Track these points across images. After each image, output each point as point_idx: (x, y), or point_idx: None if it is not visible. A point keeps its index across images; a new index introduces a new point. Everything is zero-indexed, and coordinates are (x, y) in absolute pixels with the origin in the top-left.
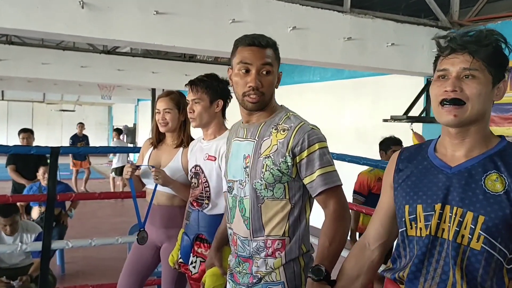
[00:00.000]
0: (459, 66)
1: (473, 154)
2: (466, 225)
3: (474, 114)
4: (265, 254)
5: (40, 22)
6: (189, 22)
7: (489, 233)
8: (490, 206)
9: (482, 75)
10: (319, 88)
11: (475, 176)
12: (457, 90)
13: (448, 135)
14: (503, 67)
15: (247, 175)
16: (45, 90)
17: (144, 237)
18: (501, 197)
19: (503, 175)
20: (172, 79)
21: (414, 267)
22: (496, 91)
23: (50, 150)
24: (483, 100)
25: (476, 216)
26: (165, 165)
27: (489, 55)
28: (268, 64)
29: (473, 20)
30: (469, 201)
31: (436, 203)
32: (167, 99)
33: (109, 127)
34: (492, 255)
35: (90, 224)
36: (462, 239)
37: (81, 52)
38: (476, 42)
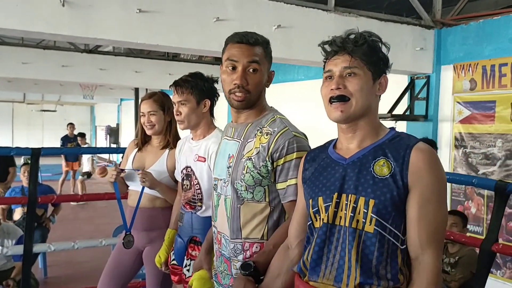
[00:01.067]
0: (340, 65)
1: (364, 145)
2: (360, 210)
3: (359, 108)
4: (243, 257)
5: (20, 21)
6: (172, 20)
7: (380, 215)
8: (379, 190)
9: (361, 71)
10: (304, 86)
11: (366, 164)
12: (341, 87)
13: (341, 131)
14: (381, 64)
15: (229, 175)
16: (26, 90)
17: (130, 241)
18: (388, 180)
19: (389, 160)
20: (155, 79)
21: (315, 254)
22: (378, 85)
23: (31, 152)
24: (365, 95)
25: (368, 200)
26: (150, 166)
27: (365, 52)
28: (255, 62)
29: (455, 18)
30: (362, 187)
31: (334, 193)
32: (150, 101)
33: (91, 127)
34: (383, 237)
35: (73, 226)
36: (357, 223)
37: (62, 51)
38: (353, 42)
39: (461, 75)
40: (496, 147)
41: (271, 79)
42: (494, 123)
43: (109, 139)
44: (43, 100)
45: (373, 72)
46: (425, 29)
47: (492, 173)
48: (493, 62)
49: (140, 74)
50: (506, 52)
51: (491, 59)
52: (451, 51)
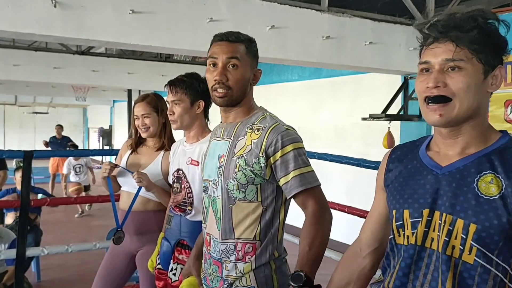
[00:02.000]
0: (441, 57)
1: (467, 153)
2: (457, 235)
3: (464, 111)
4: (235, 258)
5: (11, 22)
6: (165, 21)
7: (482, 244)
8: (483, 213)
9: (469, 65)
10: (298, 87)
11: (467, 177)
12: (440, 85)
13: (440, 134)
14: (496, 52)
15: (220, 175)
16: (17, 92)
17: (121, 237)
18: (496, 202)
19: (499, 177)
20: (148, 80)
21: (398, 281)
22: (491, 80)
23: (23, 154)
24: (473, 94)
25: (467, 224)
26: (144, 168)
27: (475, 40)
28: (234, 57)
29: None
30: (460, 207)
31: (424, 209)
32: (143, 104)
33: (84, 129)
34: (488, 270)
35: (66, 229)
36: (452, 250)
37: (54, 53)
38: (459, 27)
39: None
40: None
41: (258, 78)
42: None
43: (102, 141)
44: (35, 102)
45: (485, 63)
46: None
47: None
48: None
49: (133, 75)
50: None
51: None
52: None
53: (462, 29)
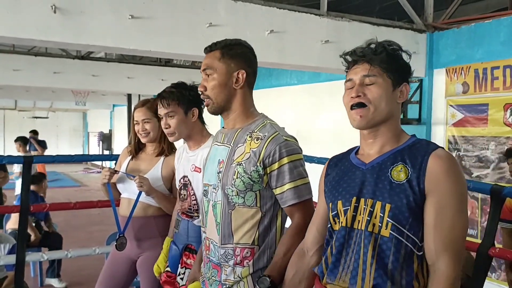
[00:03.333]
0: (360, 74)
1: (384, 151)
2: (376, 214)
3: (378, 114)
4: (234, 262)
5: (11, 27)
6: (165, 26)
7: (396, 220)
8: (396, 195)
9: (380, 79)
10: (297, 91)
11: (384, 169)
12: (360, 95)
13: (363, 137)
14: (402, 72)
15: (219, 180)
16: (17, 97)
17: (123, 243)
18: (404, 185)
19: (407, 166)
20: (148, 84)
21: (334, 257)
22: (398, 93)
23: (22, 160)
24: (385, 102)
25: (384, 205)
26: (144, 173)
27: (384, 60)
28: (206, 68)
29: (447, 22)
30: (379, 192)
31: (352, 197)
32: (144, 109)
33: (84, 133)
34: (400, 242)
35: (66, 234)
36: (373, 227)
37: (53, 58)
38: (372, 51)
39: (454, 79)
40: (489, 150)
41: (241, 79)
42: (487, 126)
43: (102, 145)
44: (35, 107)
45: (393, 79)
46: (417, 33)
47: (486, 175)
48: (485, 65)
49: (133, 80)
50: (498, 55)
51: (483, 62)
52: (443, 54)
53: (375, 52)
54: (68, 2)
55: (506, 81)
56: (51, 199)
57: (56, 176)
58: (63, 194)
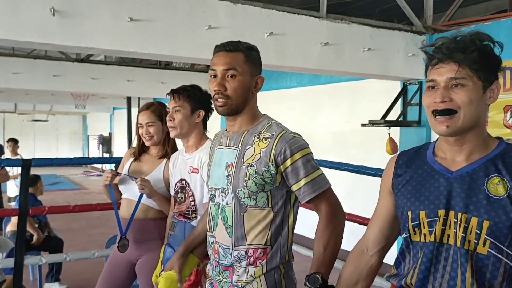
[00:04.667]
0: (446, 76)
1: (473, 158)
2: (472, 231)
3: (467, 121)
4: (246, 263)
5: (10, 30)
6: (164, 29)
7: (494, 237)
8: (494, 211)
9: (470, 82)
10: (297, 93)
11: (477, 180)
12: (446, 100)
13: (447, 142)
14: (493, 69)
15: (230, 183)
16: (17, 100)
17: (125, 244)
18: (504, 200)
19: (504, 179)
20: (147, 87)
21: (421, 274)
22: (489, 93)
23: (21, 163)
24: (475, 107)
25: (481, 221)
26: (146, 175)
27: (475, 61)
28: (231, 68)
29: (446, 24)
30: (474, 207)
31: (440, 209)
32: (148, 112)
33: (83, 136)
34: (499, 259)
35: (65, 237)
36: (468, 244)
37: (53, 61)
38: (461, 49)
39: None
40: None
41: (260, 85)
42: (487, 128)
43: (102, 148)
44: (35, 110)
45: (483, 80)
46: (417, 35)
47: None
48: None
49: (132, 83)
50: None
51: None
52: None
53: (464, 51)
54: (67, 4)
55: (506, 83)
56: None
57: (56, 179)
58: (62, 197)
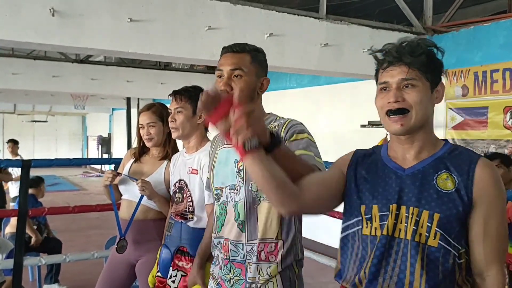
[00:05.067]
0: (397, 77)
1: (423, 156)
2: (423, 224)
3: (419, 120)
4: (257, 258)
5: (9, 31)
6: (164, 30)
7: (444, 230)
8: (444, 204)
9: (420, 82)
10: (296, 94)
11: (428, 176)
12: (399, 100)
13: (398, 141)
14: (438, 72)
15: (242, 179)
16: (16, 100)
17: (124, 245)
18: (453, 194)
19: (452, 174)
20: (147, 88)
21: (374, 267)
22: (435, 94)
23: (21, 164)
24: (425, 106)
25: (432, 214)
26: (147, 176)
27: (423, 63)
28: (238, 68)
29: (446, 25)
30: (425, 201)
31: (391, 204)
32: (149, 113)
33: (83, 137)
34: (448, 251)
35: (64, 238)
36: (420, 237)
37: (52, 62)
38: (410, 52)
39: (453, 82)
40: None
41: (265, 86)
42: (487, 129)
43: (101, 149)
44: (34, 110)
45: (431, 81)
46: (416, 36)
47: None
48: (484, 68)
49: (132, 83)
50: (498, 58)
51: (483, 65)
52: (443, 57)
53: (413, 54)
54: (66, 5)
55: (506, 84)
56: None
57: (55, 180)
58: (62, 198)
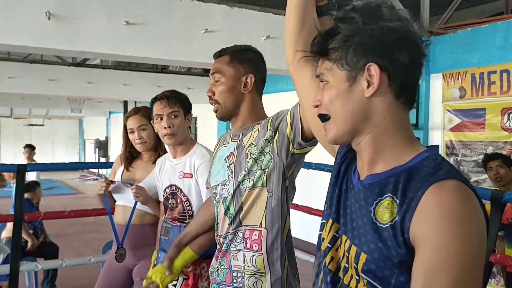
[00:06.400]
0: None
1: (376, 170)
2: (351, 263)
3: (341, 125)
4: (243, 246)
5: (5, 34)
6: (160, 33)
7: (373, 278)
8: (373, 243)
9: (330, 75)
10: (293, 97)
11: (369, 198)
12: (318, 104)
13: None
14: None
15: (231, 172)
16: (12, 104)
17: (122, 254)
18: (387, 231)
19: (396, 202)
20: (144, 91)
21: None
22: (364, 83)
23: (16, 168)
24: (342, 106)
25: (359, 253)
26: (140, 181)
27: (324, 49)
28: (215, 72)
29: (443, 27)
30: (357, 232)
31: (334, 224)
32: (138, 116)
33: (80, 140)
34: None
35: (61, 242)
36: (350, 280)
37: (49, 65)
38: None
39: (451, 83)
40: (491, 153)
41: (250, 84)
42: (485, 130)
43: (98, 152)
44: (31, 114)
45: (349, 69)
46: None
47: (484, 180)
48: (482, 70)
49: (129, 87)
50: (495, 59)
51: (480, 67)
52: (440, 59)
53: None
54: (62, 8)
55: (503, 85)
56: (46, 207)
57: (52, 183)
58: (58, 201)
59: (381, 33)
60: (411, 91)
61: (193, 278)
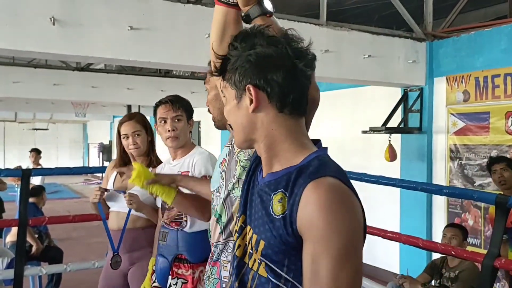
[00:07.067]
0: None
1: (275, 169)
2: (253, 248)
3: (238, 135)
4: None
5: (10, 40)
6: (164, 37)
7: (270, 260)
8: (270, 231)
9: (227, 93)
10: None
11: (268, 193)
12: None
13: None
14: (245, 73)
15: (223, 179)
16: (17, 109)
17: (118, 261)
18: (280, 221)
19: (287, 195)
20: (148, 95)
21: None
22: (248, 101)
23: (21, 173)
24: (233, 120)
25: (259, 240)
26: (132, 187)
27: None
28: (205, 83)
29: (446, 31)
30: (257, 222)
31: (240, 216)
32: (133, 122)
33: (84, 144)
34: (276, 285)
35: (65, 246)
36: (253, 263)
37: (53, 70)
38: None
39: (454, 87)
40: (495, 156)
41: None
42: (489, 134)
43: (102, 156)
44: (35, 118)
45: (236, 89)
46: (417, 42)
47: (489, 184)
48: (485, 74)
49: (133, 91)
50: (499, 63)
51: (484, 71)
52: (444, 63)
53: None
54: (67, 14)
55: (507, 89)
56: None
57: (56, 187)
58: (62, 206)
59: (256, 58)
60: (295, 103)
61: (192, 282)
